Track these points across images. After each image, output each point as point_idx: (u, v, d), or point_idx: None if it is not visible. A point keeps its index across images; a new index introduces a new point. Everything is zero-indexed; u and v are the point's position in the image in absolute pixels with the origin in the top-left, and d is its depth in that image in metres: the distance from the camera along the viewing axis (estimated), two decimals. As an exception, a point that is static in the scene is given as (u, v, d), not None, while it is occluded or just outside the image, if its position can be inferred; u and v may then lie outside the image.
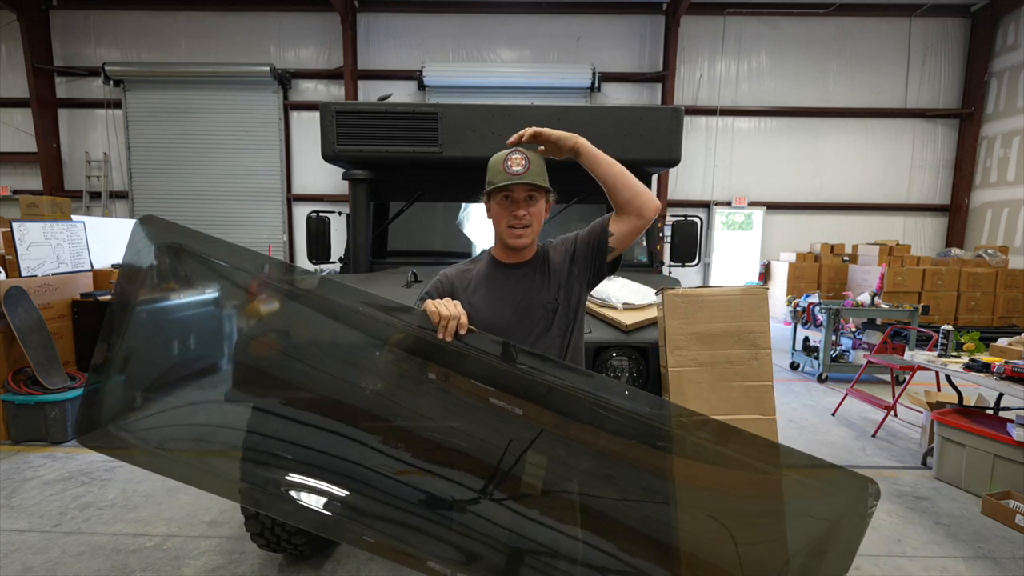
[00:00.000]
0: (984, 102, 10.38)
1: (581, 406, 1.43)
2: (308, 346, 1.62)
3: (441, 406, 1.53)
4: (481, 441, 1.49)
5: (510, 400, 1.45)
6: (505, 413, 1.45)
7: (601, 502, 1.47)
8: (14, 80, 10.49)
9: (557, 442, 1.49)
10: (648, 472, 1.49)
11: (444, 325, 1.36)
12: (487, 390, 1.45)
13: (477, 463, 1.46)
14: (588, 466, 1.50)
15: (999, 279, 8.45)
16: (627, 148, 3.23)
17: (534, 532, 1.43)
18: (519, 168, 1.54)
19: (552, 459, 1.47)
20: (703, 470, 1.47)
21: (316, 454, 1.52)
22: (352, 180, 3.37)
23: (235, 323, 1.63)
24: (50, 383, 4.09)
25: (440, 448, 1.48)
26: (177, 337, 1.66)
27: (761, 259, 11.19)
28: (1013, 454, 3.28)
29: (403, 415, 1.54)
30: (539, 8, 10.38)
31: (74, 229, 5.00)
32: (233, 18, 10.46)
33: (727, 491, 1.46)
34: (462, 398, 1.50)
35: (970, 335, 4.17)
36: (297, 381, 1.59)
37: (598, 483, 1.49)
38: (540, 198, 1.60)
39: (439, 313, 1.37)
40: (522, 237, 1.58)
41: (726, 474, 1.44)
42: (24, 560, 2.66)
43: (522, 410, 1.45)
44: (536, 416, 1.47)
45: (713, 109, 10.67)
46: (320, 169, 10.49)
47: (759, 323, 2.35)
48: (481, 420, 1.50)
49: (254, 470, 1.48)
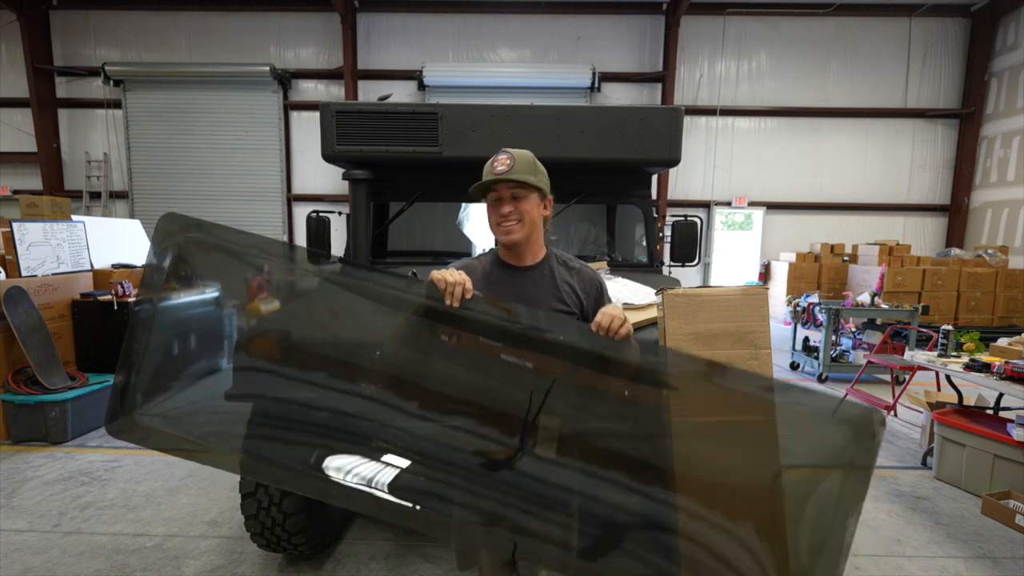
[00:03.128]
0: (984, 102, 10.38)
1: (586, 355, 1.51)
2: (321, 324, 1.73)
3: (455, 368, 1.62)
4: (496, 396, 1.57)
5: (520, 355, 1.54)
6: (516, 367, 1.54)
7: (614, 440, 1.57)
8: (14, 80, 10.49)
9: (569, 389, 1.57)
10: (651, 409, 1.59)
11: (451, 291, 1.42)
12: (498, 347, 1.54)
13: (494, 417, 1.54)
14: (600, 408, 1.60)
15: (999, 279, 8.45)
16: (627, 148, 3.24)
17: (555, 477, 1.50)
18: (503, 167, 1.57)
19: (566, 405, 1.56)
20: (705, 406, 1.55)
21: (344, 424, 1.60)
22: (352, 180, 3.37)
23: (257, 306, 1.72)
24: (50, 383, 4.09)
25: (459, 406, 1.57)
26: (202, 330, 1.75)
27: (761, 259, 11.18)
28: (1013, 454, 3.27)
29: (423, 378, 1.63)
30: (539, 8, 10.38)
31: (74, 229, 5.00)
32: (233, 18, 10.46)
33: (730, 423, 1.53)
34: (475, 357, 1.59)
35: (970, 335, 4.17)
36: (313, 355, 1.68)
37: (610, 422, 1.59)
38: (528, 195, 1.61)
39: (445, 280, 1.44)
40: (511, 233, 1.60)
41: (728, 408, 1.52)
42: (24, 560, 2.65)
43: (532, 363, 1.54)
44: (545, 367, 1.55)
45: (713, 109, 10.67)
46: (320, 169, 10.49)
47: (759, 323, 2.34)
48: (495, 376, 1.58)
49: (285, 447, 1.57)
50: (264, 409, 1.65)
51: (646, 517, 1.50)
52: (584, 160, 3.22)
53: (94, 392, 4.33)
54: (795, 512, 1.38)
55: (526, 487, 1.49)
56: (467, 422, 1.55)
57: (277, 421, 1.63)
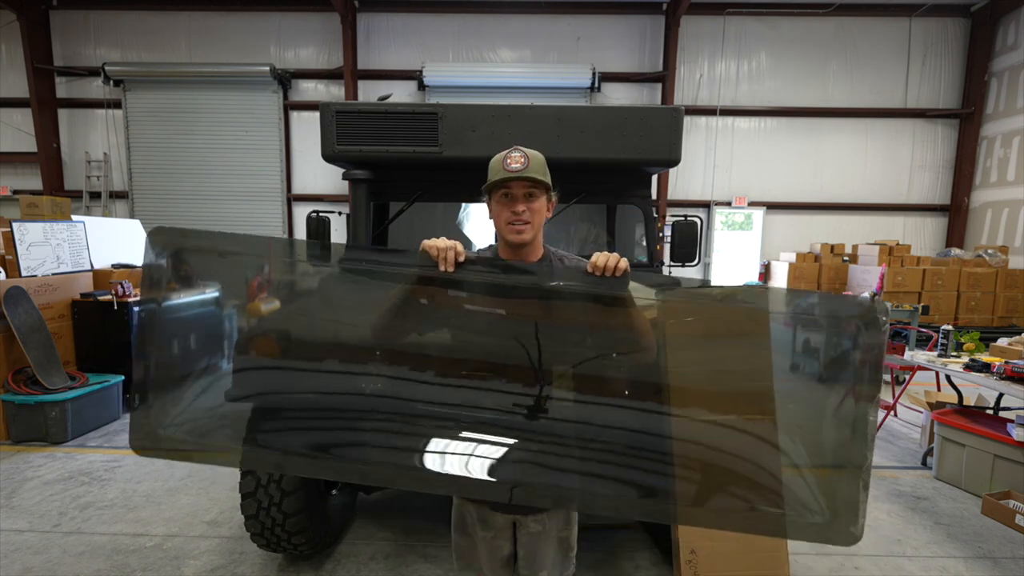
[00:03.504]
0: (984, 102, 10.37)
1: (586, 296, 1.56)
2: (319, 310, 1.79)
3: (459, 332, 1.68)
4: (503, 352, 1.61)
5: (519, 308, 1.59)
6: (517, 319, 1.60)
7: (616, 370, 1.66)
8: (14, 80, 10.48)
9: (572, 330, 1.63)
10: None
11: (443, 257, 1.48)
12: (497, 303, 1.60)
13: (504, 371, 1.58)
14: (601, 343, 1.67)
15: (999, 279, 8.45)
16: (627, 148, 3.23)
17: (565, 415, 1.57)
18: (518, 165, 1.55)
19: (569, 345, 1.62)
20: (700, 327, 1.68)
21: (351, 404, 1.64)
22: (352, 180, 3.37)
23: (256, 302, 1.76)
24: (50, 383, 4.09)
25: (470, 368, 1.62)
26: (207, 335, 1.80)
27: (761, 259, 11.18)
28: (1013, 454, 3.28)
29: (426, 346, 1.68)
30: (539, 8, 10.38)
31: (74, 229, 5.00)
32: (233, 18, 10.45)
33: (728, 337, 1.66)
34: (476, 318, 1.65)
35: (970, 335, 4.17)
36: (315, 343, 1.75)
37: (612, 353, 1.67)
38: (540, 195, 1.60)
39: (437, 247, 1.48)
40: (522, 233, 1.59)
41: (724, 325, 1.64)
42: (24, 560, 2.66)
43: (532, 314, 1.59)
44: (546, 315, 1.60)
45: (713, 109, 10.67)
46: (320, 169, 10.48)
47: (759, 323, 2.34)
48: (499, 334, 1.63)
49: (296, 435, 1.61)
50: (272, 403, 1.68)
51: (642, 437, 1.59)
52: (584, 160, 3.22)
53: (94, 392, 4.33)
54: (816, 414, 1.49)
55: (537, 431, 1.54)
56: (478, 381, 1.59)
57: (290, 413, 1.66)
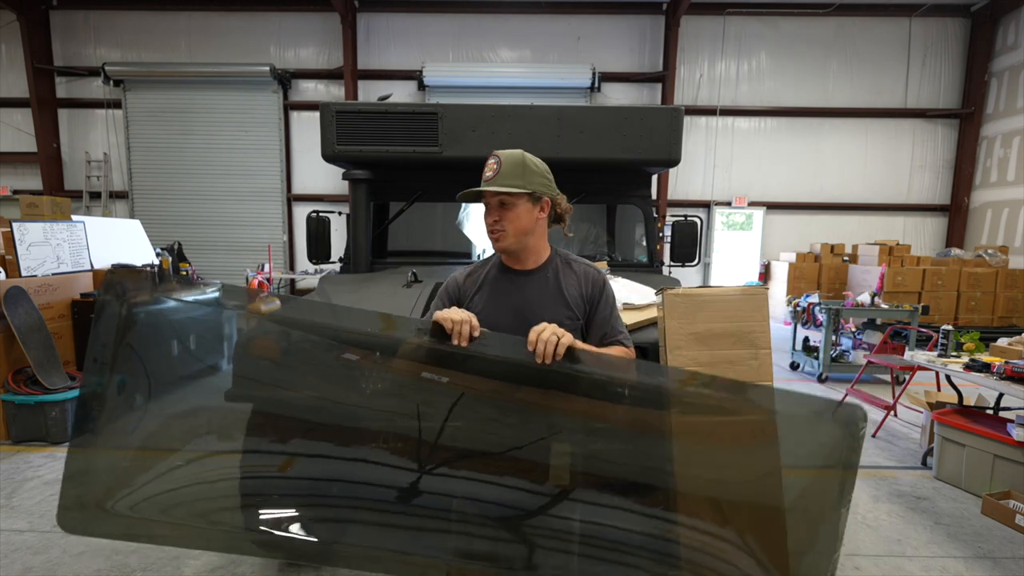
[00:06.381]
0: (984, 102, 10.37)
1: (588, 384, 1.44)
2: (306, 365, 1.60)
3: (462, 410, 1.53)
4: (507, 437, 1.51)
5: (529, 393, 1.46)
6: (520, 404, 1.47)
7: (618, 470, 1.52)
8: (14, 80, 10.48)
9: (576, 426, 1.51)
10: (639, 431, 1.52)
11: (458, 331, 1.37)
12: (508, 387, 1.48)
13: (506, 461, 1.48)
14: (603, 443, 1.53)
15: (999, 279, 8.45)
16: (627, 148, 3.24)
17: (569, 513, 1.46)
18: (490, 173, 1.55)
19: (576, 444, 1.50)
20: (685, 421, 1.51)
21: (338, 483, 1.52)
22: (352, 180, 3.37)
23: (234, 347, 1.60)
24: (50, 383, 4.09)
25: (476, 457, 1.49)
26: (167, 386, 1.59)
27: (761, 259, 11.18)
28: (1013, 454, 3.27)
29: (426, 426, 1.54)
30: (539, 8, 10.38)
31: (74, 229, 5.00)
32: (233, 18, 10.45)
33: (712, 438, 1.51)
34: (480, 398, 1.52)
35: (970, 335, 4.17)
36: (303, 408, 1.57)
37: (612, 455, 1.52)
38: (516, 202, 1.56)
39: (451, 319, 1.38)
40: (498, 240, 1.60)
41: (708, 422, 1.50)
42: (24, 560, 2.65)
43: (539, 399, 1.47)
44: (554, 403, 1.49)
45: (713, 109, 10.67)
46: (320, 169, 10.48)
47: (759, 323, 2.35)
48: (505, 417, 1.51)
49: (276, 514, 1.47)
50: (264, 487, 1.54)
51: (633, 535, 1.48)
52: (584, 160, 3.22)
53: (94, 392, 4.32)
54: (787, 509, 1.38)
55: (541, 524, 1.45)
56: (479, 467, 1.48)
57: (284, 493, 1.52)
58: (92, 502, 1.40)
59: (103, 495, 1.42)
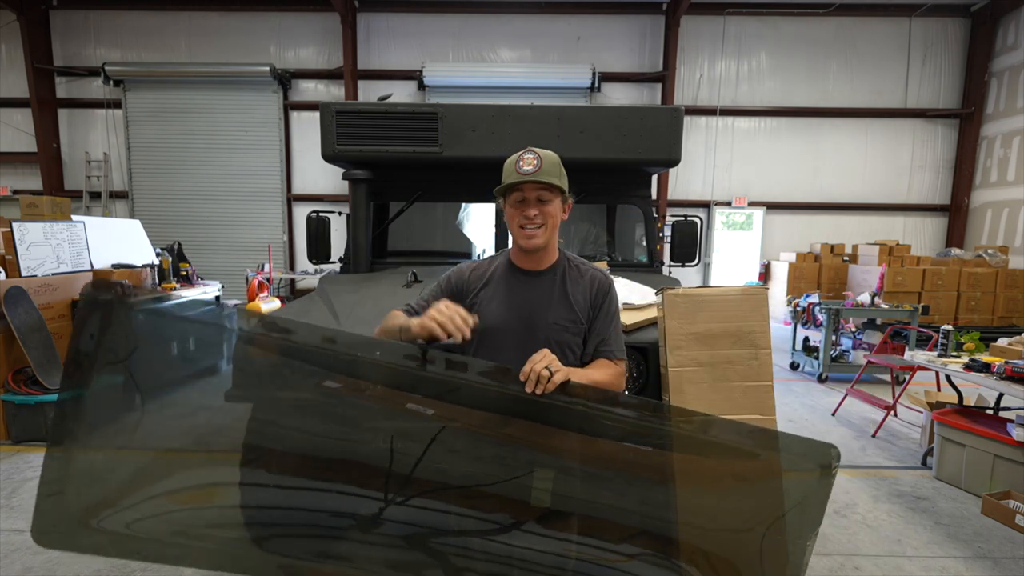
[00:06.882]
0: (984, 102, 10.37)
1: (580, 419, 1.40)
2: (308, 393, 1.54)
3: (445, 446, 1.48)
4: (489, 469, 1.48)
5: (518, 426, 1.43)
6: (504, 439, 1.44)
7: (602, 508, 1.48)
8: (14, 80, 10.48)
9: (556, 458, 1.48)
10: (627, 470, 1.50)
11: (456, 327, 1.36)
12: (498, 419, 1.44)
13: (483, 493, 1.45)
14: (587, 477, 1.49)
15: (999, 279, 8.45)
16: (627, 148, 3.24)
17: (546, 546, 1.43)
18: (530, 167, 1.50)
19: (556, 474, 1.46)
20: (668, 459, 1.50)
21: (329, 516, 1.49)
22: (352, 180, 3.37)
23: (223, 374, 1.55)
24: (50, 383, 4.09)
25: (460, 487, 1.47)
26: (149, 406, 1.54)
27: (761, 259, 11.18)
28: (1013, 454, 3.28)
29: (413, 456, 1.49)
30: (539, 8, 10.38)
31: (74, 229, 5.00)
32: (233, 18, 10.45)
33: (694, 477, 1.50)
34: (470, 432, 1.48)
35: (970, 335, 4.17)
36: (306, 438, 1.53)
37: (599, 490, 1.49)
38: (553, 198, 1.54)
39: (436, 319, 1.36)
40: (534, 238, 1.53)
41: (691, 461, 1.49)
42: (24, 560, 2.65)
43: (526, 432, 1.43)
44: (540, 439, 1.45)
45: (713, 109, 10.67)
46: (320, 169, 10.48)
47: (759, 323, 2.34)
48: (486, 451, 1.48)
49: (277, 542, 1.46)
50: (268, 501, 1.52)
51: None
52: (584, 160, 3.22)
53: (94, 392, 4.33)
54: (754, 535, 1.40)
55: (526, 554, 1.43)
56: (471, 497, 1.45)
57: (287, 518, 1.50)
58: (69, 515, 1.35)
59: (80, 508, 1.37)
